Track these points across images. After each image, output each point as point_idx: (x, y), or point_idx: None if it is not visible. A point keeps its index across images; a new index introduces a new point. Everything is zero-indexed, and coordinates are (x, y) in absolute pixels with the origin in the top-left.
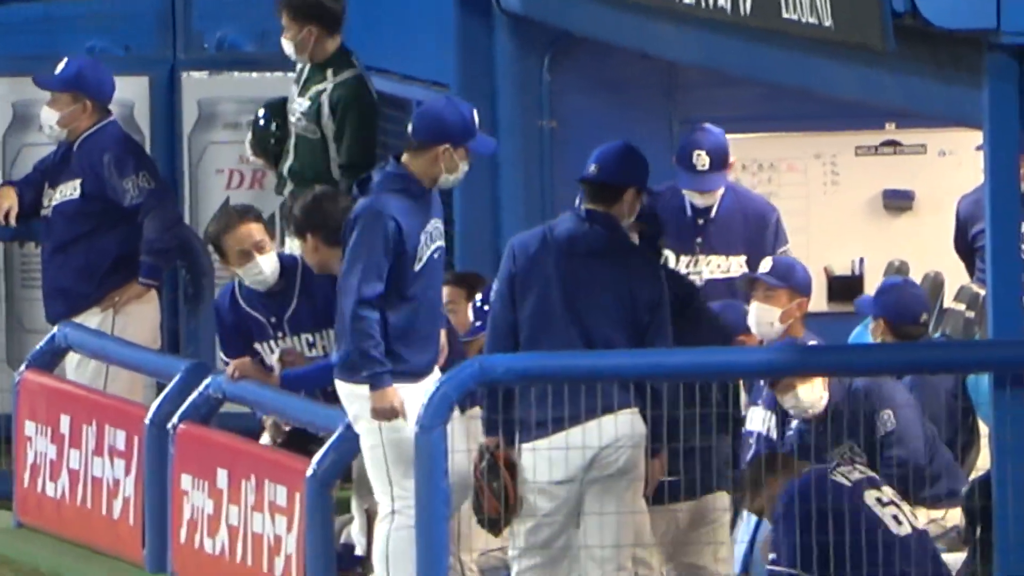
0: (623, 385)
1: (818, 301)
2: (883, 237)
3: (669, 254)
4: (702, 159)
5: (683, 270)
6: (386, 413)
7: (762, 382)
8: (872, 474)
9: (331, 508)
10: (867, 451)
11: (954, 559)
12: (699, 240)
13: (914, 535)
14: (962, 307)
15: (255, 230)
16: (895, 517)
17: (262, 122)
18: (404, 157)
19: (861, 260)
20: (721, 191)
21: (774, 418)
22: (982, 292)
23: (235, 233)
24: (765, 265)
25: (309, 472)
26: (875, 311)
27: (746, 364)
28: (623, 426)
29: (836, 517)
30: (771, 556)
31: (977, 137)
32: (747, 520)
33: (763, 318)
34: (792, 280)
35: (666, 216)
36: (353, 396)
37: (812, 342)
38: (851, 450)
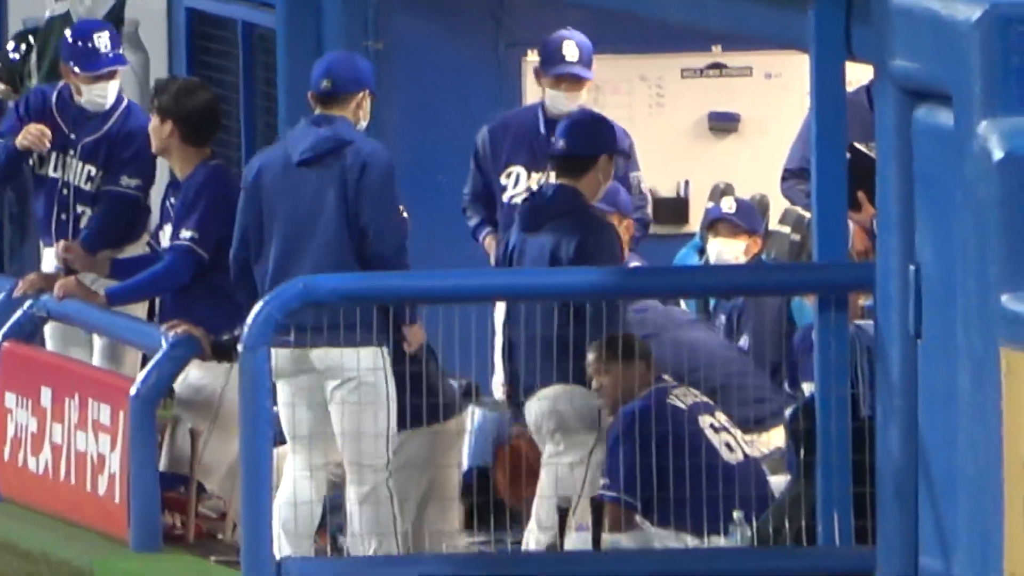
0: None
1: None
2: (708, 159)
3: (520, 171)
4: (572, 49)
5: (534, 185)
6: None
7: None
8: (706, 399)
9: (154, 427)
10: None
11: (776, 481)
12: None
13: (746, 462)
14: (787, 229)
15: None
16: (727, 444)
17: (15, 55)
18: (324, 111)
19: (686, 182)
20: (584, 95)
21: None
22: (807, 214)
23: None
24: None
25: (133, 391)
26: (751, 226)
27: (567, 286)
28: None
29: (673, 443)
30: (603, 481)
31: (803, 60)
32: None
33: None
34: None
35: (519, 135)
36: (368, 354)
37: (635, 264)
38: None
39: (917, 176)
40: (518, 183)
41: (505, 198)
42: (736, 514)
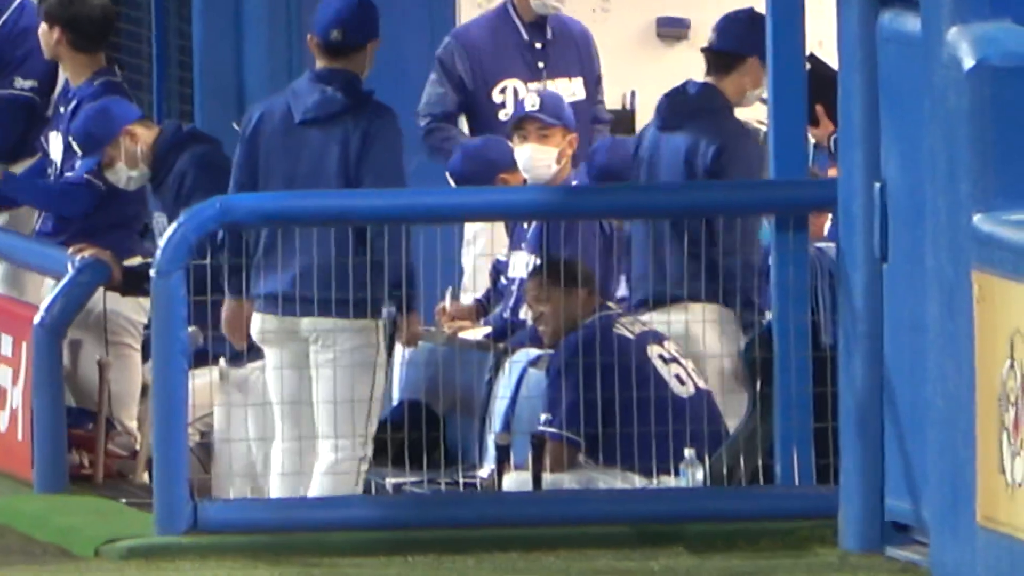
0: None
1: None
2: (657, 68)
3: (517, 84)
4: None
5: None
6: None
7: (525, 224)
8: (655, 328)
9: (60, 359)
10: None
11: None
12: (541, 64)
13: (698, 396)
14: None
15: None
16: (678, 376)
17: None
18: (333, 64)
19: (633, 93)
20: None
21: (538, 263)
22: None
23: None
24: (532, 102)
25: (36, 319)
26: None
27: (512, 205)
28: None
29: (619, 374)
30: (544, 416)
31: None
32: (509, 373)
33: (540, 160)
34: (565, 116)
35: (502, 46)
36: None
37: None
38: None
39: (882, 87)
40: (518, 99)
41: (503, 116)
42: (687, 452)
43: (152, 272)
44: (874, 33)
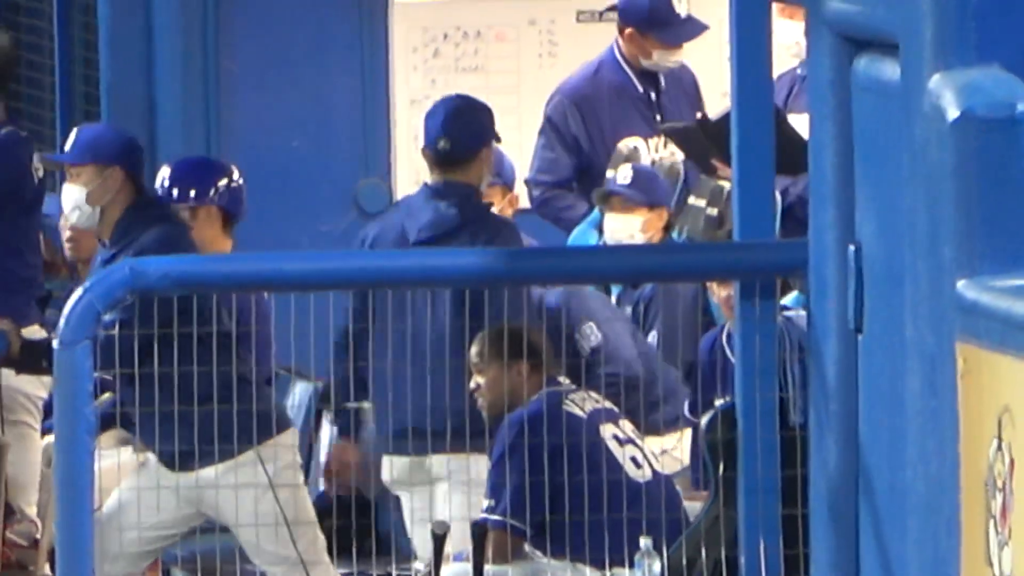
0: None
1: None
2: None
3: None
4: (678, 4)
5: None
6: None
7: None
8: (609, 405)
9: None
10: (570, 374)
11: (692, 504)
12: (658, 118)
13: (655, 480)
14: (703, 203)
15: None
16: (634, 459)
17: None
18: (447, 175)
19: None
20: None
21: None
22: (727, 185)
23: None
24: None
25: None
26: (650, 199)
27: (446, 270)
28: None
29: (569, 455)
30: (487, 502)
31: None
32: None
33: None
34: (504, 172)
35: (618, 102)
36: None
37: (526, 243)
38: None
39: (857, 139)
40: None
41: None
42: (643, 541)
43: (55, 343)
44: (848, 80)
